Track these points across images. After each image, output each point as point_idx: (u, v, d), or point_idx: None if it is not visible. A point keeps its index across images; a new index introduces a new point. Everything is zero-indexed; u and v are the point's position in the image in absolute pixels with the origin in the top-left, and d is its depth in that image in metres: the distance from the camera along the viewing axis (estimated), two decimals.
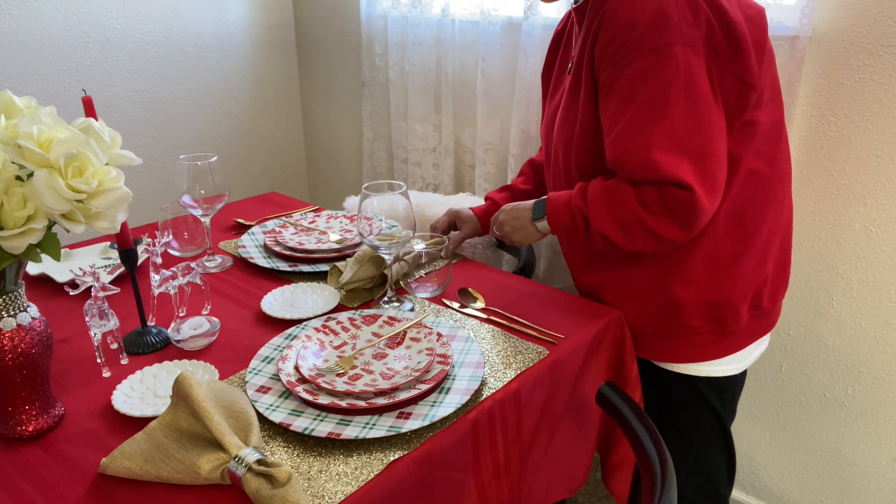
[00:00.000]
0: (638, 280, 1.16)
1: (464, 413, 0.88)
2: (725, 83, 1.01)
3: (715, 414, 1.23)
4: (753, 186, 1.10)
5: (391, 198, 1.09)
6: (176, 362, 0.97)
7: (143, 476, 0.75)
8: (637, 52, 0.99)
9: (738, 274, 1.13)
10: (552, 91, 1.30)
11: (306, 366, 0.94)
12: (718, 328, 1.16)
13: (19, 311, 0.80)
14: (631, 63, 1.00)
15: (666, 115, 0.99)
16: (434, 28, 1.99)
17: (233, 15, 2.41)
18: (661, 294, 1.15)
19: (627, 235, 1.07)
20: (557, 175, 1.23)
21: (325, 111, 2.62)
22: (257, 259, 1.32)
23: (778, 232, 1.16)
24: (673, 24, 0.97)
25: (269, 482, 0.71)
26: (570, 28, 1.27)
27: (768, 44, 1.07)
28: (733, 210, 1.10)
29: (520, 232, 1.21)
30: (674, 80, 0.98)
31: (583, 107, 1.11)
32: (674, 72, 0.97)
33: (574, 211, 1.11)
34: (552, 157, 1.25)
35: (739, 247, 1.12)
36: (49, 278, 1.27)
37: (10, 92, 0.79)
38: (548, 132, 1.29)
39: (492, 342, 1.06)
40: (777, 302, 1.21)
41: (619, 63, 1.01)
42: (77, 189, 0.74)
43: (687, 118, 0.99)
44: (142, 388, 0.92)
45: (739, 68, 1.01)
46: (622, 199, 1.05)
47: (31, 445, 0.83)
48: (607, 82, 1.04)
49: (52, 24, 1.98)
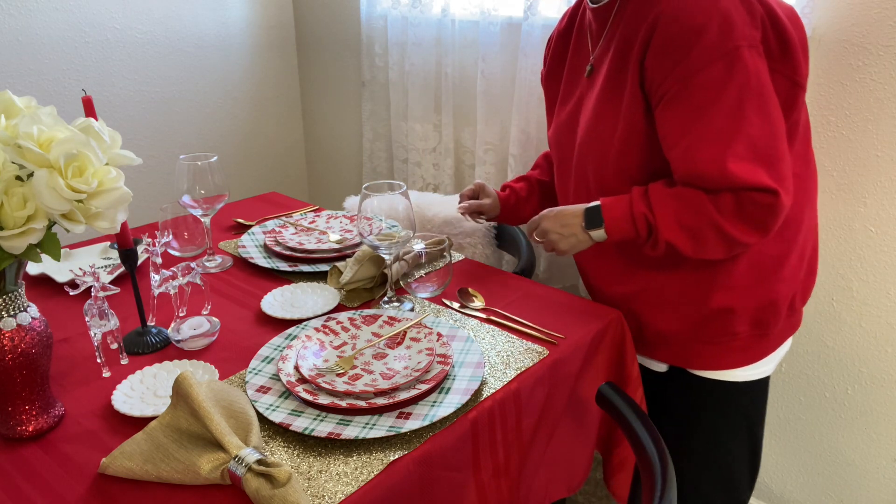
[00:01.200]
0: (676, 289, 1.14)
1: (464, 413, 0.88)
2: (778, 84, 1.00)
3: (746, 417, 1.22)
4: (794, 188, 1.06)
5: (391, 198, 1.09)
6: (176, 362, 0.97)
7: (143, 476, 0.75)
8: (706, 59, 0.95)
9: (782, 277, 1.11)
10: (564, 95, 1.24)
11: (306, 366, 0.94)
12: (759, 332, 1.14)
13: (19, 311, 0.80)
14: (701, 70, 0.96)
15: (742, 122, 0.95)
16: (434, 28, 1.99)
17: (233, 15, 2.41)
18: (703, 302, 1.12)
19: (697, 242, 1.02)
20: (582, 182, 1.18)
21: (325, 111, 2.62)
22: (257, 259, 1.32)
23: (812, 231, 1.16)
24: (738, 26, 0.94)
25: (269, 482, 0.71)
26: (580, 28, 1.21)
27: (806, 43, 1.04)
28: None
29: (568, 240, 1.13)
30: (745, 86, 0.95)
31: (628, 114, 1.06)
32: (744, 76, 0.94)
33: (637, 218, 1.05)
34: (574, 164, 1.20)
35: (783, 250, 1.10)
36: (49, 278, 1.27)
37: (10, 92, 0.79)
38: (562, 138, 1.23)
39: (492, 342, 1.06)
40: (806, 301, 1.21)
41: (685, 70, 0.97)
42: (77, 189, 0.74)
43: (762, 124, 0.96)
44: (142, 388, 0.92)
45: (789, 69, 1.00)
46: (694, 206, 1.00)
47: (31, 445, 0.83)
48: (671, 91, 0.99)
49: (52, 24, 1.98)
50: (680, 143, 1.00)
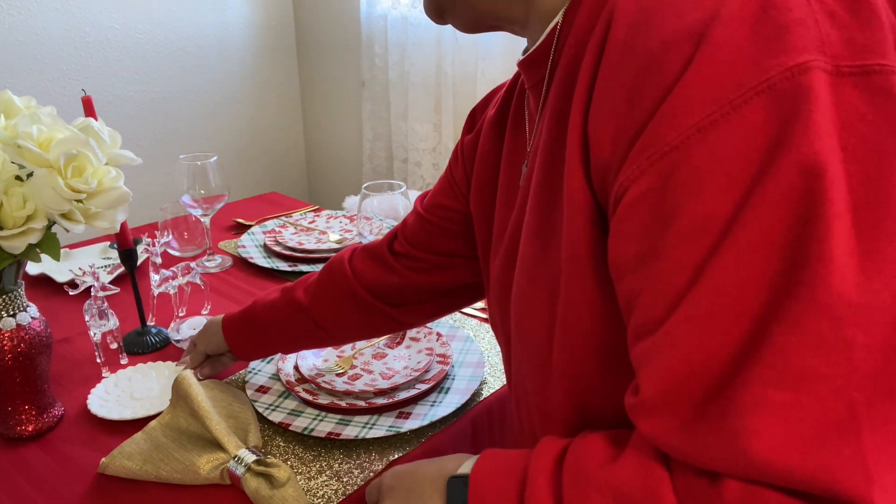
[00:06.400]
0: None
1: (463, 413, 0.88)
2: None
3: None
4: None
5: (391, 198, 1.09)
6: (150, 364, 0.96)
7: (143, 476, 0.75)
8: (723, 99, 0.38)
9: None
10: (499, 223, 0.65)
11: (306, 365, 0.94)
12: None
13: (19, 310, 0.80)
14: (707, 128, 0.37)
15: (807, 293, 0.35)
16: (434, 28, 2.00)
17: (233, 15, 2.41)
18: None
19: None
20: (522, 396, 0.62)
21: (325, 111, 2.62)
22: (257, 259, 1.32)
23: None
24: (805, 27, 0.42)
25: (269, 482, 0.71)
26: (517, 111, 0.65)
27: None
28: None
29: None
30: (822, 170, 0.35)
31: (570, 246, 0.48)
32: (811, 148, 0.35)
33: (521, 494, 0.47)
34: (511, 365, 0.64)
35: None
36: (49, 278, 1.27)
37: (10, 92, 0.79)
38: (496, 316, 0.67)
39: (492, 342, 1.06)
40: None
41: (668, 128, 0.39)
42: (77, 189, 0.74)
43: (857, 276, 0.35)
44: (117, 391, 0.92)
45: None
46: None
47: (31, 445, 0.83)
48: (637, 180, 0.40)
49: (52, 24, 1.98)
50: (647, 322, 0.41)
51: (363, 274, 0.80)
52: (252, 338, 0.86)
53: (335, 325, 0.82)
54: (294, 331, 0.84)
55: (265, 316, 0.84)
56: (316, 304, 0.82)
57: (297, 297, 0.82)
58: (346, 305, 0.81)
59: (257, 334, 0.85)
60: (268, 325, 0.84)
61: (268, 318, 0.84)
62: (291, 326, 0.83)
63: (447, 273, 0.79)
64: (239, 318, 0.86)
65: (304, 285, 0.84)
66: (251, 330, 0.85)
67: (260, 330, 0.84)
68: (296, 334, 0.84)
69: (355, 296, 0.80)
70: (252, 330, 0.85)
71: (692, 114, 0.37)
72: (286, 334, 0.84)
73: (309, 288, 0.83)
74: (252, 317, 0.85)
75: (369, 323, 0.83)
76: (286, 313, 0.83)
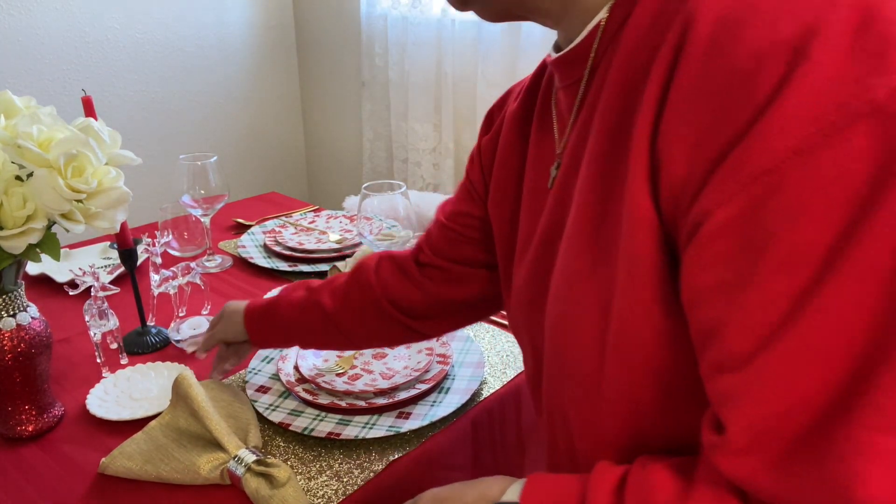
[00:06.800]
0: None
1: (464, 413, 0.88)
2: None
3: None
4: None
5: (391, 198, 1.09)
6: (149, 365, 0.96)
7: (143, 476, 0.75)
8: (822, 118, 0.36)
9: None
10: (525, 228, 0.63)
11: (306, 365, 0.94)
12: None
13: (19, 310, 0.80)
14: (806, 151, 0.35)
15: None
16: (434, 28, 2.00)
17: (233, 15, 2.41)
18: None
19: None
20: (557, 409, 0.59)
21: (325, 111, 2.62)
22: (257, 259, 1.32)
23: None
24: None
25: (269, 482, 0.71)
26: (543, 109, 0.62)
27: None
28: None
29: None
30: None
31: (627, 266, 0.45)
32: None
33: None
34: (544, 377, 0.61)
35: None
36: (49, 278, 1.27)
37: (10, 92, 0.79)
38: (520, 320, 0.65)
39: (492, 342, 1.06)
40: None
41: (761, 150, 0.36)
42: (77, 189, 0.74)
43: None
44: (116, 391, 0.92)
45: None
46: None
47: (31, 445, 0.83)
48: (726, 203, 0.37)
49: (52, 24, 1.98)
50: (733, 356, 0.39)
51: (389, 286, 0.81)
52: (274, 332, 0.87)
53: (356, 332, 0.83)
54: (316, 332, 0.85)
55: (289, 314, 0.85)
56: (340, 311, 0.82)
57: (322, 301, 0.83)
58: (369, 314, 0.82)
59: (279, 330, 0.87)
60: (291, 323, 0.85)
61: (292, 317, 0.85)
62: (315, 328, 0.84)
63: (470, 285, 0.78)
64: (262, 312, 0.87)
65: (329, 289, 0.84)
66: (274, 325, 0.86)
67: (282, 327, 0.86)
68: (318, 335, 0.86)
69: (378, 306, 0.81)
70: (275, 325, 0.86)
71: (789, 136, 0.34)
72: (308, 334, 0.86)
73: (335, 294, 0.83)
74: (276, 313, 0.86)
75: (390, 333, 0.83)
76: (310, 315, 0.84)
